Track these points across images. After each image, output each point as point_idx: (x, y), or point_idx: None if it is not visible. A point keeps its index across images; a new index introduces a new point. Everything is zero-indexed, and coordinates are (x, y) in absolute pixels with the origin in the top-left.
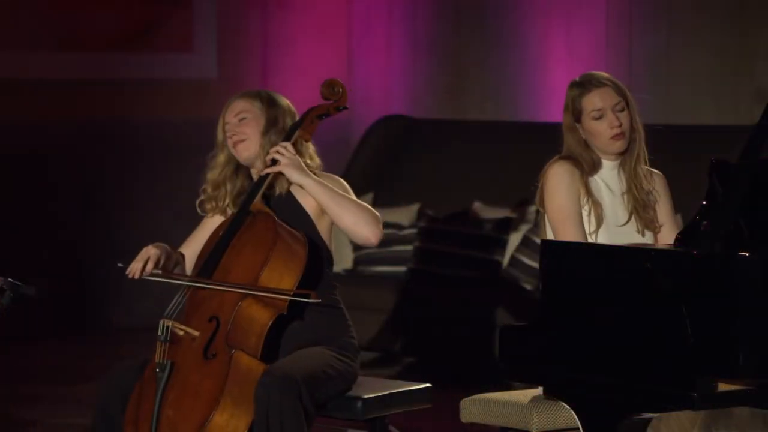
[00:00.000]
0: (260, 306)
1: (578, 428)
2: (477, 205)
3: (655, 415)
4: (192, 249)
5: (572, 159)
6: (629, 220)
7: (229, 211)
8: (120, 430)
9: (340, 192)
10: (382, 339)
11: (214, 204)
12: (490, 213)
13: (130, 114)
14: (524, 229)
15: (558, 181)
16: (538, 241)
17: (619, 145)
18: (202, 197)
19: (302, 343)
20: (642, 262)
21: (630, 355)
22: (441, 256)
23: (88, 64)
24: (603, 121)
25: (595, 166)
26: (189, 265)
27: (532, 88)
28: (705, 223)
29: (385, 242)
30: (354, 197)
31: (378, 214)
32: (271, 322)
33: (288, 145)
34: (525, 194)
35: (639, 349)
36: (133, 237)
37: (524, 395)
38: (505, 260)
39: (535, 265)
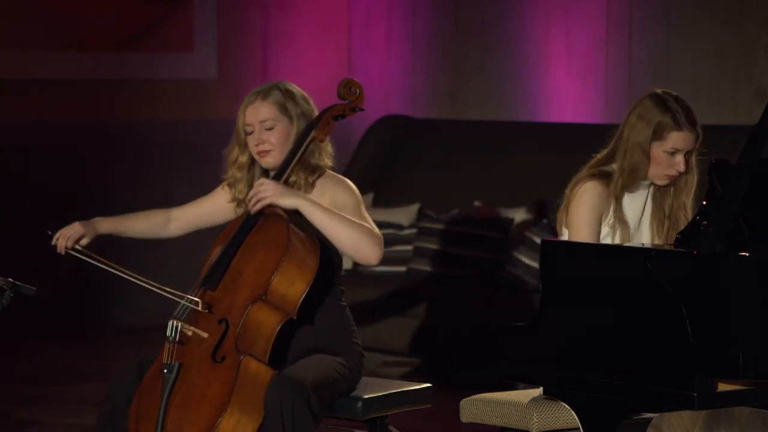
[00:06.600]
0: (270, 310)
1: (578, 428)
2: (477, 205)
3: (655, 415)
4: (191, 212)
5: (605, 178)
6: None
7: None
8: (124, 428)
9: (336, 212)
10: (381, 339)
11: (234, 193)
12: (490, 213)
13: (130, 114)
14: (524, 229)
15: (586, 202)
16: (538, 241)
17: (665, 183)
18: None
19: (308, 347)
20: (642, 262)
21: (630, 355)
22: (441, 256)
23: (88, 64)
24: (671, 158)
25: (636, 185)
26: (180, 225)
27: (532, 88)
28: (705, 223)
29: (385, 242)
30: (362, 210)
31: (379, 233)
32: (279, 326)
33: (262, 180)
34: (525, 194)
35: (639, 349)
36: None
37: (524, 395)
38: (505, 260)
39: (535, 265)
